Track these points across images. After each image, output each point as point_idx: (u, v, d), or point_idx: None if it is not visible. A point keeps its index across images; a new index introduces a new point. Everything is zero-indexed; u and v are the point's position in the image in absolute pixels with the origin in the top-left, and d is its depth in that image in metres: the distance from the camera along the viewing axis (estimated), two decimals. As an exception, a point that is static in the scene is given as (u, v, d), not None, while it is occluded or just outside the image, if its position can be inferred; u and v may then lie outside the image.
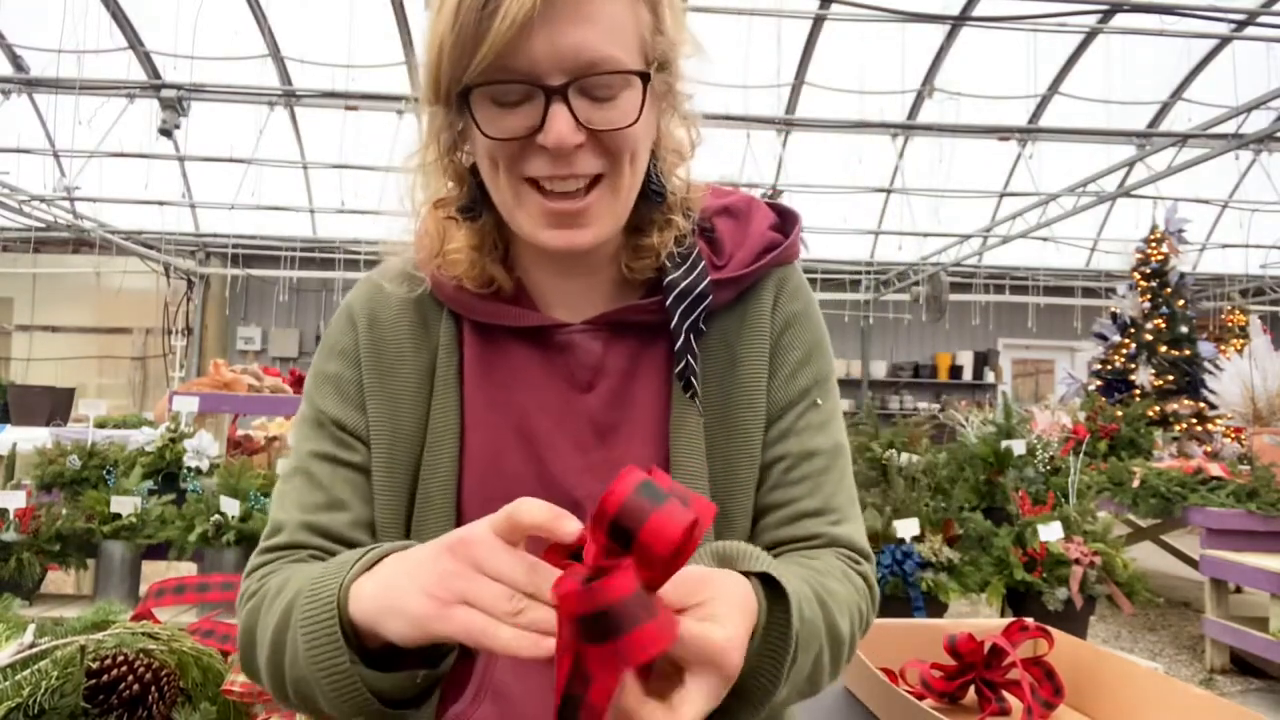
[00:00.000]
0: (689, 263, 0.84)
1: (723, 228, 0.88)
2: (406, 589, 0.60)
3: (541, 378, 0.85)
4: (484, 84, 0.72)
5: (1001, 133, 8.54)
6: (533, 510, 0.56)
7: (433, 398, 0.84)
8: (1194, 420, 6.64)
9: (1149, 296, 7.18)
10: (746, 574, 0.66)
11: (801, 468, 0.84)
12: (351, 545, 0.81)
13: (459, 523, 0.81)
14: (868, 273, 11.77)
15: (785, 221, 0.91)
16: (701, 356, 0.85)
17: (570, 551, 0.57)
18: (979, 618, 2.10)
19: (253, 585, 0.79)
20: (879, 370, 12.21)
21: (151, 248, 10.58)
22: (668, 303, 0.82)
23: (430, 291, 0.86)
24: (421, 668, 0.67)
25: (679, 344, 0.81)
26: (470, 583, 0.56)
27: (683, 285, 0.82)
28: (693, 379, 0.82)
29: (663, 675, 0.57)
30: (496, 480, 0.83)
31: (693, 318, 0.82)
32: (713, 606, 0.58)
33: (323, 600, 0.65)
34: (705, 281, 0.83)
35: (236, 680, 1.13)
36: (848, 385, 11.85)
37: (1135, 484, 4.39)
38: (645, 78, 0.74)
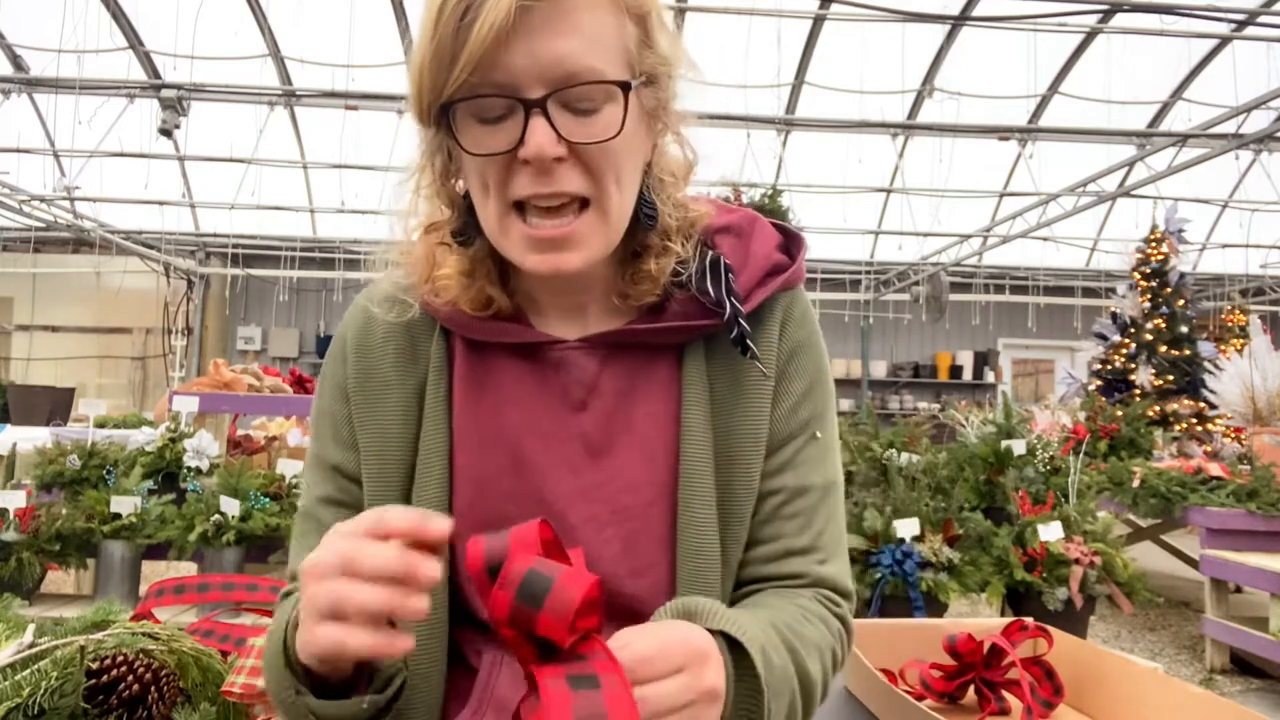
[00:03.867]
0: (712, 267, 0.82)
1: (725, 247, 0.85)
2: (304, 623, 0.62)
3: (533, 395, 0.83)
4: (464, 98, 0.71)
5: (1001, 133, 8.54)
6: (399, 515, 0.59)
7: (422, 421, 0.83)
8: (1194, 420, 6.63)
9: (1149, 296, 7.18)
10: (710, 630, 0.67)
11: (795, 504, 0.83)
12: None
13: (450, 548, 0.80)
14: (868, 273, 11.77)
15: (790, 243, 0.88)
16: (707, 380, 0.83)
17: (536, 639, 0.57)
18: (979, 618, 2.10)
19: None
20: (879, 370, 12.21)
21: (151, 248, 10.58)
22: (707, 283, 0.80)
23: (422, 311, 0.85)
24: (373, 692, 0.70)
25: (728, 313, 0.79)
26: (338, 594, 0.57)
27: (710, 274, 0.81)
28: (749, 342, 0.80)
29: None
30: (488, 503, 0.81)
31: (734, 297, 0.80)
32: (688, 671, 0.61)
33: (275, 639, 0.70)
34: (730, 277, 0.81)
35: (237, 681, 1.13)
36: (848, 385, 11.85)
37: (1135, 484, 4.39)
38: (626, 88, 0.72)
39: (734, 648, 0.67)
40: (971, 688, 1.43)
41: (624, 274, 0.83)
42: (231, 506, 2.74)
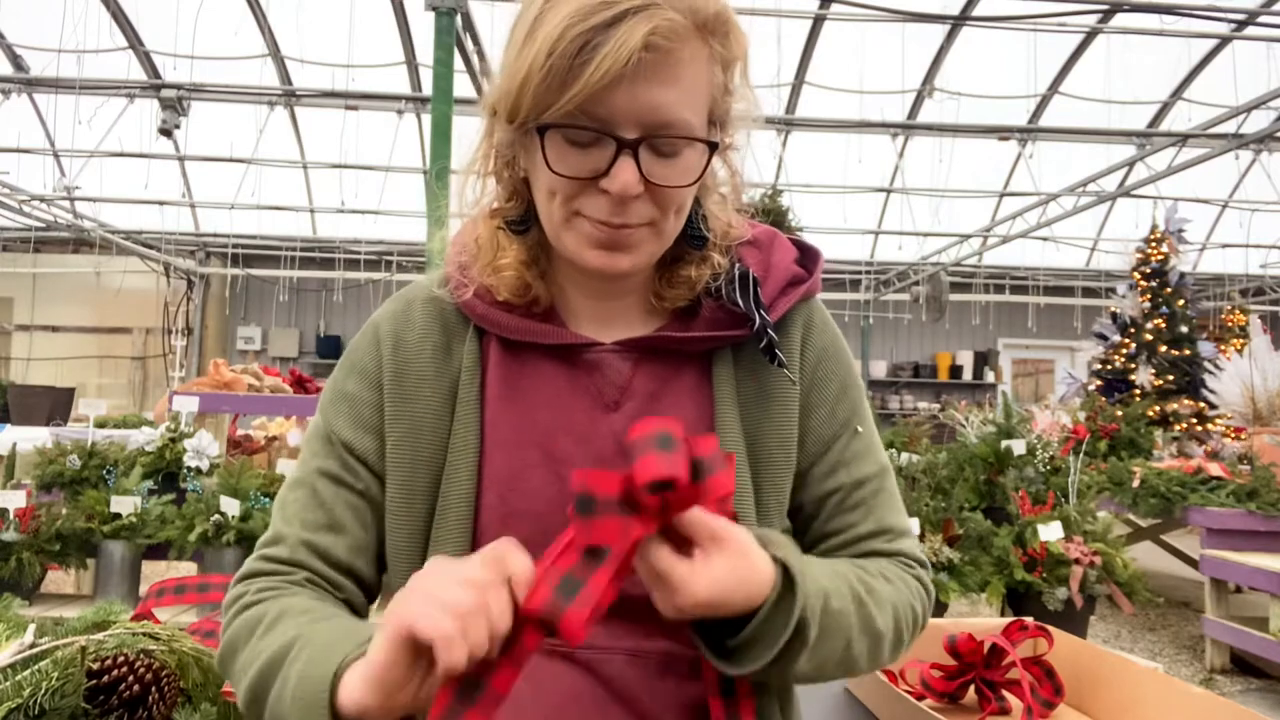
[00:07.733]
0: (741, 279, 0.86)
1: (749, 258, 0.90)
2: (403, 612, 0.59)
3: (567, 395, 0.85)
4: (563, 125, 0.74)
5: (1001, 132, 8.53)
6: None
7: (454, 419, 0.85)
8: (1194, 420, 6.63)
9: (1149, 296, 7.18)
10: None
11: (854, 496, 0.89)
12: (348, 570, 0.84)
13: (475, 542, 0.81)
14: (868, 273, 11.77)
15: (806, 256, 0.94)
16: (735, 386, 0.87)
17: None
18: (979, 618, 2.10)
19: (249, 596, 0.80)
20: (879, 370, 12.21)
21: (151, 247, 10.58)
22: (736, 294, 0.84)
23: (456, 309, 0.88)
24: None
25: (757, 324, 0.82)
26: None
27: (739, 286, 0.85)
28: (778, 351, 0.83)
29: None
30: (518, 499, 0.83)
31: (762, 309, 0.84)
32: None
33: (316, 682, 0.65)
34: (757, 290, 0.85)
35: (237, 680, 1.13)
36: (848, 385, 11.84)
37: (1135, 484, 4.38)
38: (713, 147, 0.78)
39: (790, 582, 0.71)
40: (972, 688, 1.43)
41: (661, 277, 0.87)
42: (231, 506, 2.74)
